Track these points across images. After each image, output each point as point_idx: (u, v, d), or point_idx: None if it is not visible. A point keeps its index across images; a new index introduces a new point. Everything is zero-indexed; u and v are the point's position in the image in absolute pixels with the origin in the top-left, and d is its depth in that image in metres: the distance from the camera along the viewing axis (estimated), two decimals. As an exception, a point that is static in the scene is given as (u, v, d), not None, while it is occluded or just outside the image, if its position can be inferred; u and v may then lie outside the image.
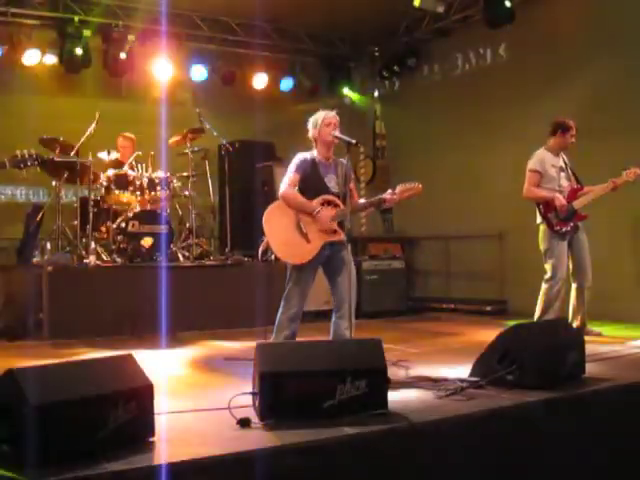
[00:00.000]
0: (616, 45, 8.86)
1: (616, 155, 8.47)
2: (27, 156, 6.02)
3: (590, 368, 5.18)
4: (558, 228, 7.34)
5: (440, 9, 9.83)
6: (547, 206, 7.41)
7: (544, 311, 7.38)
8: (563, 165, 7.60)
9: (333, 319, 5.88)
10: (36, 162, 6.09)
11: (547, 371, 4.71)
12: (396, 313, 10.29)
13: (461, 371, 5.14)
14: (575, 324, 7.24)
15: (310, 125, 5.99)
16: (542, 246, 7.47)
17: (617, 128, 8.70)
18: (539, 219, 7.47)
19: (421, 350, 6.93)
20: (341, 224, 5.84)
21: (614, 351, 6.33)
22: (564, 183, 7.53)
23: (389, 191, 5.84)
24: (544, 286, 7.40)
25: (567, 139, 7.53)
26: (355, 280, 5.75)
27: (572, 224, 7.36)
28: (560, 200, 7.32)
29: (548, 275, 7.38)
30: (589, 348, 5.30)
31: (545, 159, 7.52)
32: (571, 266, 7.47)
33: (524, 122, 9.64)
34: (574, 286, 7.47)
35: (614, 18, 8.94)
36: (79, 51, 10.43)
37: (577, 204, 7.39)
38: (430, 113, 11.57)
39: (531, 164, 7.54)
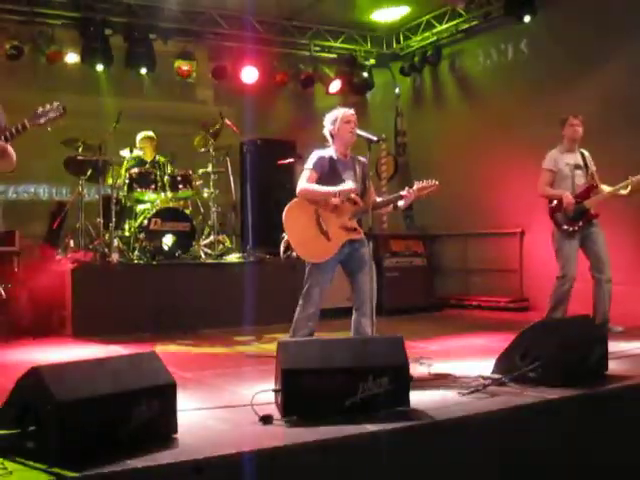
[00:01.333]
0: (635, 43, 8.79)
1: (633, 153, 8.44)
2: (49, 109, 5.25)
3: (613, 365, 5.16)
4: (565, 227, 7.39)
5: (461, 5, 9.80)
6: (556, 205, 7.45)
7: (554, 308, 7.47)
8: (581, 163, 7.59)
9: (354, 316, 5.86)
10: (59, 113, 5.28)
11: (569, 368, 4.69)
12: (417, 310, 10.28)
13: (483, 368, 5.13)
14: (597, 320, 7.19)
15: (327, 122, 5.95)
16: (553, 245, 7.54)
17: (636, 127, 8.65)
18: (550, 218, 7.53)
19: (443, 347, 6.92)
20: (360, 221, 5.84)
21: (637, 348, 6.28)
22: (579, 181, 7.54)
23: (406, 189, 5.83)
24: (555, 283, 7.48)
25: (568, 131, 7.57)
26: (375, 277, 5.76)
27: (581, 223, 7.37)
28: (568, 199, 7.34)
29: (559, 273, 7.45)
30: (611, 345, 5.28)
31: (557, 158, 7.57)
32: (589, 262, 7.48)
33: (545, 119, 9.57)
34: (593, 281, 7.46)
35: (637, 13, 8.86)
36: (101, 50, 10.48)
37: (589, 203, 7.40)
38: (451, 109, 11.55)
39: (544, 163, 7.61)
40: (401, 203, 5.92)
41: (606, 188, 7.45)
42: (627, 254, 8.41)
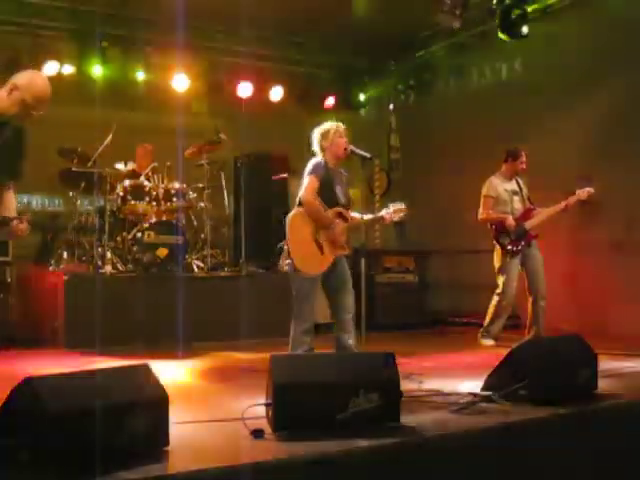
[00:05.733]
0: (634, 61, 8.86)
1: (634, 172, 8.55)
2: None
3: (602, 384, 5.19)
4: (509, 248, 7.97)
5: (456, 24, 9.85)
6: (499, 228, 8.00)
7: (492, 321, 8.20)
8: (517, 189, 8.19)
9: (336, 332, 5.92)
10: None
11: (559, 386, 4.71)
12: (409, 326, 10.29)
13: (474, 385, 5.16)
14: (531, 334, 7.93)
15: (318, 135, 5.97)
16: (496, 264, 8.13)
17: (635, 144, 8.72)
18: (494, 240, 8.09)
19: (434, 364, 6.94)
20: (347, 238, 5.91)
21: (626, 367, 6.32)
22: (517, 206, 8.14)
23: (384, 210, 5.93)
24: (495, 299, 8.16)
25: (517, 166, 8.18)
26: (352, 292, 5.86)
27: (523, 243, 7.95)
28: (510, 221, 7.92)
29: (499, 290, 8.10)
30: (601, 364, 5.31)
31: (497, 185, 8.16)
32: (526, 281, 8.08)
33: (539, 137, 9.65)
34: (529, 299, 8.07)
35: (632, 34, 8.93)
36: (97, 62, 10.52)
37: (528, 224, 7.99)
38: (445, 127, 11.59)
39: (484, 190, 8.19)
40: (384, 222, 6.08)
41: (542, 212, 8.04)
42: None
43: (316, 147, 5.99)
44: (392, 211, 5.91)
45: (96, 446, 3.19)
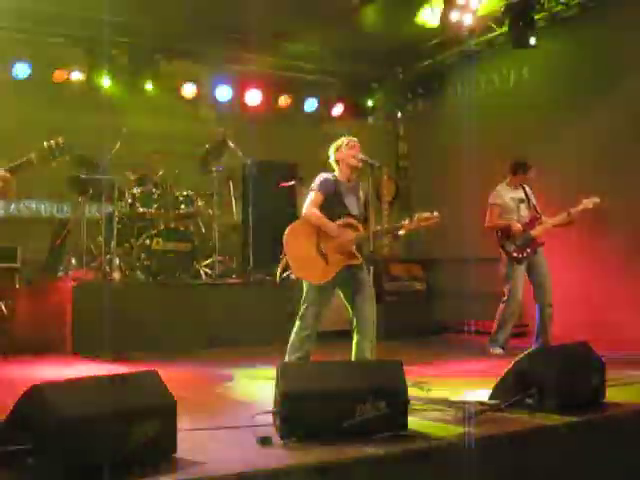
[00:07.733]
0: (636, 73, 8.86)
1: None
2: (55, 146, 5.45)
3: (610, 393, 5.17)
4: (515, 255, 8.00)
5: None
6: (505, 234, 8.05)
7: (499, 328, 8.19)
8: (524, 196, 8.23)
9: (354, 340, 5.91)
10: (65, 151, 5.51)
11: (567, 395, 4.71)
12: (416, 334, 10.27)
13: (481, 394, 5.15)
14: (539, 342, 7.89)
15: (332, 149, 6.08)
16: (502, 271, 8.17)
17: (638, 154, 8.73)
18: (499, 247, 8.13)
19: (441, 372, 6.93)
20: (359, 247, 5.91)
21: (634, 375, 6.30)
22: (524, 213, 8.19)
23: (407, 219, 5.93)
24: (501, 306, 8.16)
25: (527, 177, 8.25)
26: (374, 300, 5.81)
27: (529, 250, 7.98)
28: (516, 226, 7.98)
29: (506, 297, 8.10)
30: (610, 372, 5.29)
31: (504, 193, 8.23)
32: (533, 289, 8.09)
33: (546, 145, 9.64)
34: (537, 307, 8.06)
35: (634, 46, 8.93)
36: (106, 69, 10.55)
37: (534, 232, 8.02)
38: (453, 134, 11.58)
39: (491, 199, 8.27)
40: (401, 232, 6.00)
41: (548, 220, 8.05)
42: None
43: (332, 161, 6.08)
44: (416, 219, 5.92)
45: (103, 452, 3.21)
